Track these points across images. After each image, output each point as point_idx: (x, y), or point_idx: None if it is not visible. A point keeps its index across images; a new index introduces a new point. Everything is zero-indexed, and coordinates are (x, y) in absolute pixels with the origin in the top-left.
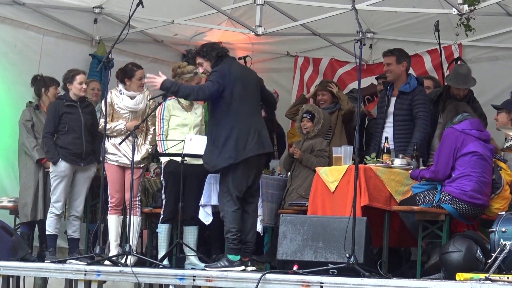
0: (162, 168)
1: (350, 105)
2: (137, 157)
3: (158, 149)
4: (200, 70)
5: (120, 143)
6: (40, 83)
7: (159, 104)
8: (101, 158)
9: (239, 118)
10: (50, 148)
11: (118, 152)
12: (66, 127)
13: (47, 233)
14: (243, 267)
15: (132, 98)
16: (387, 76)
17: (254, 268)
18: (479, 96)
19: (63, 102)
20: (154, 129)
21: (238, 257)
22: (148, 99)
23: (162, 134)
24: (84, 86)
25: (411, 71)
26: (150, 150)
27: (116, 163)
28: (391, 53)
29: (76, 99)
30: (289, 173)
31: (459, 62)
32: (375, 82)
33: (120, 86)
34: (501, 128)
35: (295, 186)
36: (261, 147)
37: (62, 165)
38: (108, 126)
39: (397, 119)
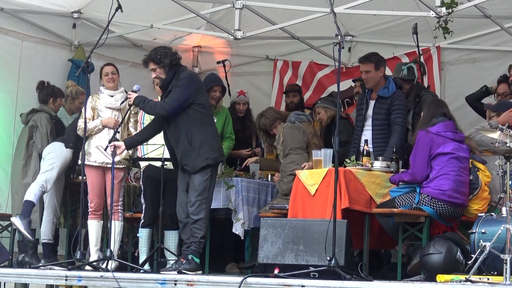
0: (141, 173)
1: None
2: (117, 158)
3: (138, 154)
4: (153, 75)
5: (105, 149)
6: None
7: (130, 106)
8: (80, 162)
9: (213, 124)
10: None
11: (97, 151)
12: None
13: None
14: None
15: (111, 96)
16: (366, 83)
17: None
18: (458, 98)
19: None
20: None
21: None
22: (122, 101)
23: None
24: None
25: (389, 74)
26: (130, 152)
27: (95, 163)
28: (369, 60)
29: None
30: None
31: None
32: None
33: (101, 87)
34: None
35: None
36: (223, 154)
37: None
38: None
39: (376, 123)
